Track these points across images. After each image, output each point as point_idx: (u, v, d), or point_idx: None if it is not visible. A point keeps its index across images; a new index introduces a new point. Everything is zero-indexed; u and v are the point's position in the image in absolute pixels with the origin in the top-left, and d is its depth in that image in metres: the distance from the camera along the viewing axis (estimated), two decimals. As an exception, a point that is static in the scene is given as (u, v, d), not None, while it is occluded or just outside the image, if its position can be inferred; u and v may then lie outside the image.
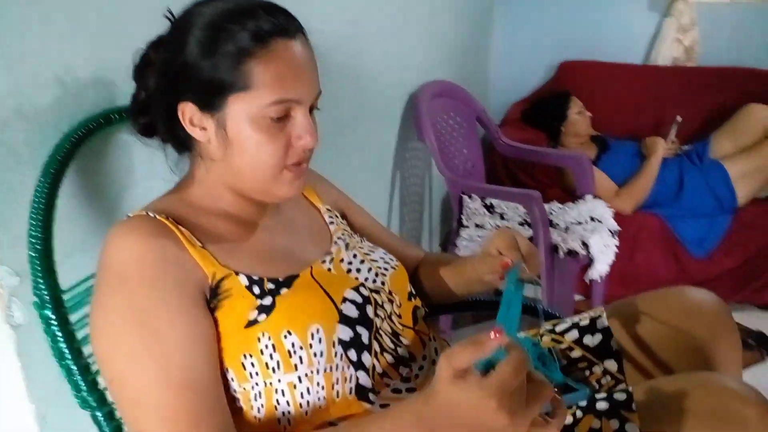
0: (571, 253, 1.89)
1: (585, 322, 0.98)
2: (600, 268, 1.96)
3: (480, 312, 1.20)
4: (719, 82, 2.68)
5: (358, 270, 0.89)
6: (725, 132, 2.44)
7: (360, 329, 0.80)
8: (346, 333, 0.78)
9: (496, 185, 2.32)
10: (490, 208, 2.20)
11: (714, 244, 2.31)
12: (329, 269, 0.87)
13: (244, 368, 0.74)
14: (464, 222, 2.10)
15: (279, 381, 0.74)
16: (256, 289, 0.77)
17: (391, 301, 0.89)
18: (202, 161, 0.82)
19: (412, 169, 2.32)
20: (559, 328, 1.00)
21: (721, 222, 2.31)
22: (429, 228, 2.57)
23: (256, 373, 0.74)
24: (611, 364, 0.93)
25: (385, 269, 0.91)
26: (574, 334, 0.97)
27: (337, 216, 1.01)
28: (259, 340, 0.74)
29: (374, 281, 0.88)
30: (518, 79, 3.09)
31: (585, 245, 1.92)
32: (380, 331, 0.84)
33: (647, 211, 2.36)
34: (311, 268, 0.84)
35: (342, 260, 0.89)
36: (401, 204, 2.24)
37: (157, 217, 0.76)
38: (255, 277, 0.77)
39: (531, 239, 1.92)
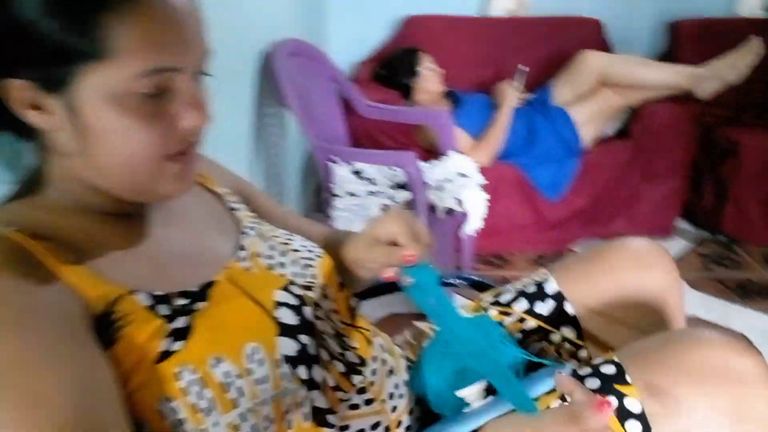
0: (449, 211, 1.87)
1: (531, 288, 0.93)
2: (475, 223, 1.98)
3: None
4: (551, 31, 2.82)
5: (282, 264, 0.74)
6: (563, 80, 2.56)
7: (304, 338, 0.67)
8: (290, 347, 0.65)
9: (362, 149, 2.23)
10: (358, 174, 2.11)
11: (565, 187, 2.45)
12: (248, 268, 0.71)
13: (164, 418, 0.57)
14: (336, 191, 1.99)
15: (216, 425, 0.58)
16: (163, 309, 0.60)
17: (325, 297, 0.77)
18: (52, 156, 0.61)
19: (271, 138, 2.15)
20: (503, 299, 0.94)
21: (569, 165, 2.45)
22: (294, 200, 2.42)
23: (181, 422, 0.57)
24: (569, 331, 0.89)
25: (310, 259, 0.78)
26: (523, 303, 0.92)
27: (240, 201, 0.85)
28: (178, 377, 0.57)
29: (303, 276, 0.75)
30: (359, 38, 3.00)
31: (459, 202, 1.92)
32: (324, 336, 0.71)
33: (503, 162, 2.43)
34: (227, 269, 0.69)
35: (260, 254, 0.74)
36: (264, 176, 2.07)
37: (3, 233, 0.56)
38: (159, 293, 0.60)
39: (409, 203, 1.87)
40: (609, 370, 0.73)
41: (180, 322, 0.60)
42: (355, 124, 2.37)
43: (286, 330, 0.65)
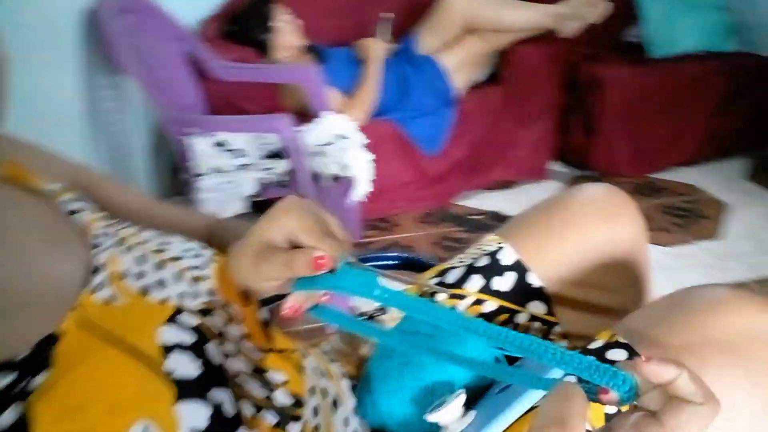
0: (335, 178, 1.67)
1: (483, 260, 0.76)
2: (363, 187, 1.80)
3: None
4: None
5: (161, 284, 0.51)
6: (428, 28, 2.42)
7: (217, 395, 0.46)
8: (198, 415, 0.43)
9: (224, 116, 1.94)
10: (221, 146, 1.83)
11: (444, 139, 2.34)
12: (109, 299, 0.47)
13: None
14: (198, 169, 1.71)
15: None
16: None
17: (231, 319, 0.55)
18: None
19: (107, 112, 1.79)
20: (450, 278, 0.77)
21: (445, 115, 2.34)
22: (145, 185, 2.08)
23: None
24: (537, 307, 0.74)
25: (200, 267, 0.55)
26: (476, 281, 0.75)
27: (81, 198, 0.59)
28: None
29: (195, 295, 0.52)
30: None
31: (344, 166, 1.72)
32: (240, 380, 0.50)
33: (378, 119, 2.27)
34: (75, 309, 0.45)
35: (124, 274, 0.50)
36: (103, 159, 1.73)
37: None
38: None
39: (288, 173, 1.65)
40: (618, 355, 0.58)
41: (6, 418, 0.37)
42: (210, 89, 2.07)
43: (186, 389, 0.44)
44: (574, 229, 0.75)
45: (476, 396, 0.62)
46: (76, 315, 0.44)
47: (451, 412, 0.59)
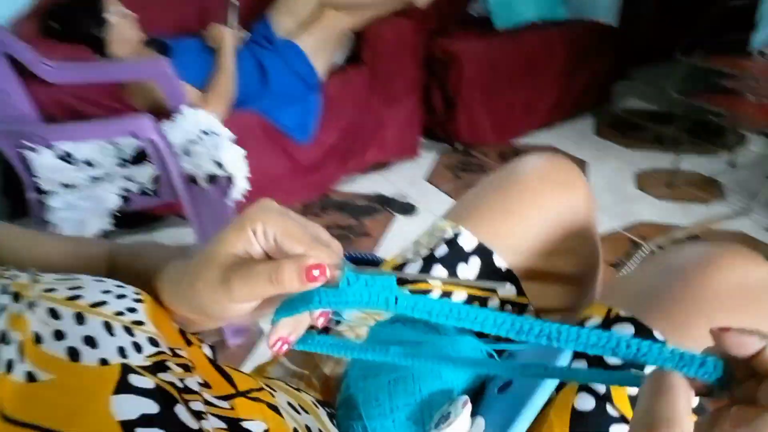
0: (211, 178, 1.51)
1: (442, 249, 0.68)
2: (241, 185, 1.65)
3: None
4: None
5: (89, 341, 0.37)
6: (282, 9, 2.29)
7: None
8: None
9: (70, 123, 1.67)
10: (68, 159, 1.58)
11: (314, 126, 2.24)
12: (31, 375, 0.33)
13: None
14: (44, 186, 1.46)
15: None
16: None
17: (187, 368, 0.42)
18: None
19: None
20: (410, 271, 0.68)
21: (312, 101, 2.24)
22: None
23: None
24: (508, 289, 0.67)
25: (127, 311, 0.42)
26: (439, 270, 0.67)
27: None
28: None
29: (138, 347, 0.39)
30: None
31: (219, 165, 1.56)
32: None
33: (241, 110, 2.11)
34: None
35: (38, 339, 0.36)
36: None
37: None
38: None
39: (157, 178, 1.45)
40: (626, 330, 0.53)
41: None
42: (40, 95, 1.78)
43: None
44: (530, 203, 0.70)
45: (474, 400, 0.54)
46: None
47: (460, 424, 0.51)
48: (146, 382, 0.36)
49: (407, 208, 2.19)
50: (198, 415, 0.38)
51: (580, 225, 0.72)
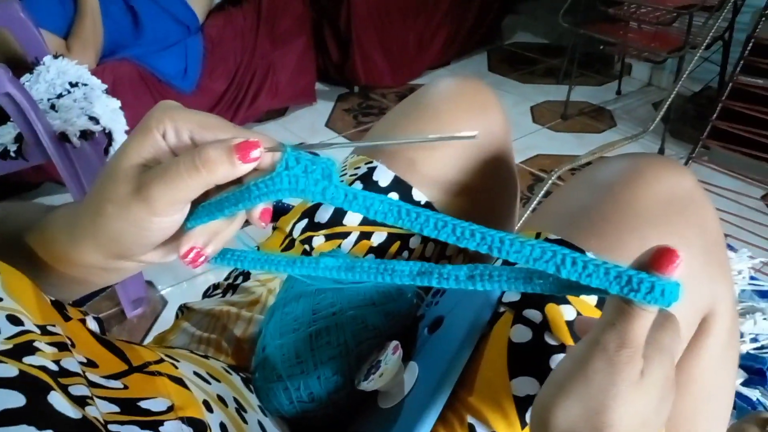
0: (85, 134, 1.34)
1: (356, 186, 0.61)
2: (121, 140, 1.48)
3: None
4: None
5: None
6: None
7: None
8: None
9: None
10: None
11: (198, 72, 2.07)
12: None
13: None
14: None
15: None
16: None
17: (61, 346, 0.34)
18: None
19: None
20: (323, 218, 0.61)
21: (194, 45, 2.06)
22: None
23: None
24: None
25: None
26: (355, 214, 0.60)
27: None
28: None
29: None
30: None
31: (93, 119, 1.39)
32: (121, 426, 0.32)
33: (113, 59, 1.90)
34: None
35: None
36: None
37: None
38: None
39: (20, 137, 1.27)
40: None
41: None
42: None
43: None
44: (442, 130, 0.64)
45: (404, 344, 0.49)
46: None
47: (392, 373, 0.45)
48: (7, 369, 0.28)
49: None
50: (81, 401, 0.30)
51: (498, 151, 0.67)
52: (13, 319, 0.32)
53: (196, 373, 0.43)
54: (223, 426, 0.39)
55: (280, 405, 0.46)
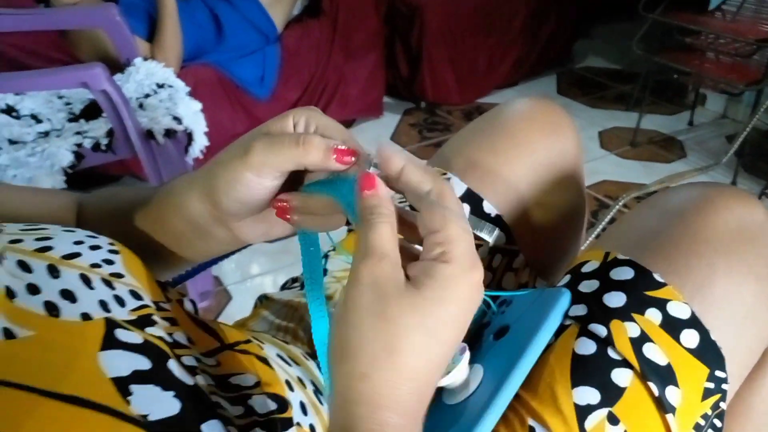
0: (169, 133, 1.42)
1: None
2: (201, 141, 1.56)
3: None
4: None
5: (68, 295, 0.33)
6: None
7: (210, 430, 0.32)
8: None
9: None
10: (12, 113, 1.47)
11: (274, 80, 2.15)
12: (7, 332, 0.29)
13: None
14: (-14, 142, 1.35)
15: None
16: None
17: (174, 322, 0.38)
18: None
19: None
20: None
21: (271, 54, 2.14)
22: None
23: None
24: (497, 236, 0.64)
25: (109, 261, 0.37)
26: None
27: None
28: None
29: (121, 301, 0.35)
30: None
31: (176, 119, 1.47)
32: (218, 399, 0.36)
33: (195, 63, 2.00)
34: None
35: (11, 293, 0.31)
36: None
37: None
38: None
39: (111, 132, 1.36)
40: (625, 273, 0.51)
41: None
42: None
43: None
44: (520, 148, 0.66)
45: (471, 348, 0.51)
46: None
47: (459, 372, 0.47)
48: (134, 337, 0.32)
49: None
50: (192, 371, 0.34)
51: (569, 171, 0.69)
52: (135, 294, 0.36)
53: (278, 355, 0.47)
54: (302, 405, 0.43)
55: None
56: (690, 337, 0.47)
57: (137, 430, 0.27)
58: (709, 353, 0.47)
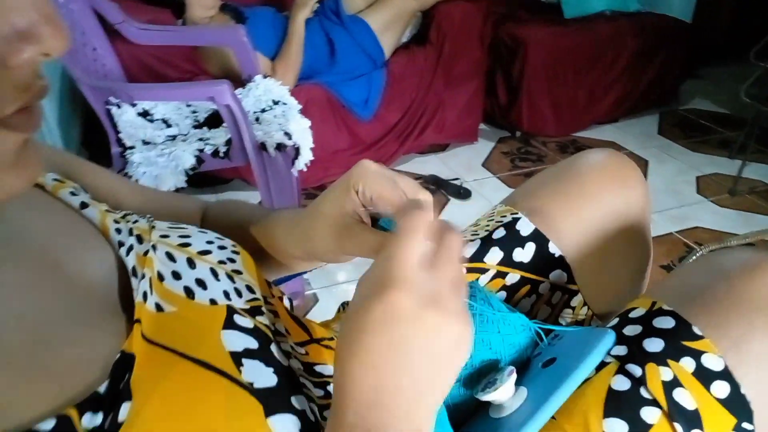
0: (280, 146, 1.58)
1: (500, 232, 0.72)
2: (306, 155, 1.71)
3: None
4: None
5: (201, 283, 0.44)
6: (353, -15, 2.33)
7: (297, 402, 0.41)
8: (290, 428, 0.38)
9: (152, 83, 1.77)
10: (146, 116, 1.68)
11: (377, 103, 2.28)
12: (159, 306, 0.40)
13: None
14: (127, 141, 1.55)
15: None
16: None
17: (276, 315, 0.49)
18: None
19: None
20: (469, 250, 0.73)
21: (377, 78, 2.28)
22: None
23: None
24: (559, 276, 0.71)
25: (231, 260, 0.49)
26: (496, 253, 0.71)
27: (80, 189, 0.50)
28: None
29: (238, 292, 0.46)
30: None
31: (287, 134, 1.63)
32: (304, 382, 0.45)
33: (308, 82, 2.17)
34: (136, 323, 0.38)
35: (161, 276, 0.43)
36: None
37: None
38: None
39: (229, 142, 1.53)
40: (666, 323, 0.57)
41: None
42: (124, 54, 1.88)
43: (272, 400, 0.38)
44: (588, 196, 0.73)
45: (519, 372, 0.59)
46: (139, 330, 0.37)
47: (505, 390, 0.56)
48: (247, 322, 0.42)
49: (462, 193, 2.22)
50: (287, 355, 0.44)
51: (634, 222, 0.75)
52: (250, 288, 0.47)
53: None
54: None
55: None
56: (720, 388, 0.53)
57: (245, 393, 0.38)
58: (738, 405, 0.52)
